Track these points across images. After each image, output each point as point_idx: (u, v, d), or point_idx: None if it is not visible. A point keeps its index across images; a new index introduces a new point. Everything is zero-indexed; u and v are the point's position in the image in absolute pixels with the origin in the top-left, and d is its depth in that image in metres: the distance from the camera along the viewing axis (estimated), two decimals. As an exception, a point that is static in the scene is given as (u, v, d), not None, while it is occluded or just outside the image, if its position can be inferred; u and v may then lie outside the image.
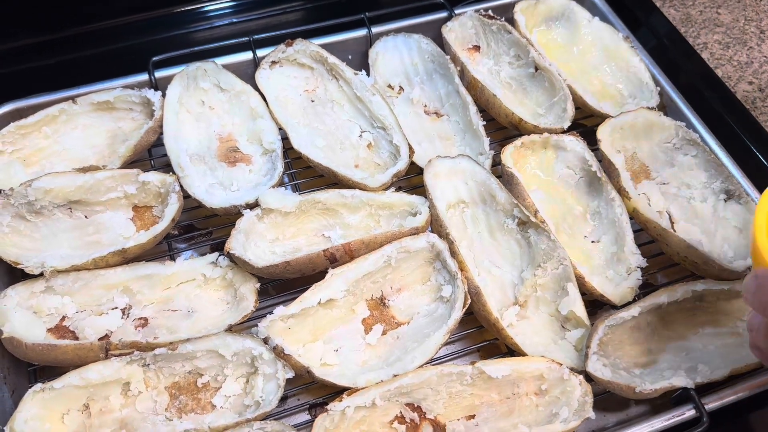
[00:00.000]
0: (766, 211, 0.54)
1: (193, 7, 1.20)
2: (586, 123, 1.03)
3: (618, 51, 1.05)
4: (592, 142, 0.91)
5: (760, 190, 0.90)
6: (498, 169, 0.91)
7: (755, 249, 0.52)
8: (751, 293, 0.50)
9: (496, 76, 1.04)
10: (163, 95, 0.94)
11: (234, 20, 1.20)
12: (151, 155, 0.96)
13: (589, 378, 0.73)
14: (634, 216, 0.87)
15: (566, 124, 0.93)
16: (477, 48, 1.07)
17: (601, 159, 0.91)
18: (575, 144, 0.92)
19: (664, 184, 0.91)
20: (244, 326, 0.81)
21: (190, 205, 0.88)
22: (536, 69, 1.00)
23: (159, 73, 0.97)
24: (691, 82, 1.08)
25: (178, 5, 1.19)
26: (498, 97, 0.94)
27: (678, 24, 1.24)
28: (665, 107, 1.01)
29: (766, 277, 0.48)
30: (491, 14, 1.06)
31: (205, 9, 1.21)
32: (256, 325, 0.75)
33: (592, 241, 0.87)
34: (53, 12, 1.16)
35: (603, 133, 0.91)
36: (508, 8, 1.09)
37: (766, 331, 0.51)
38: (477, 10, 1.07)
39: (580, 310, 0.78)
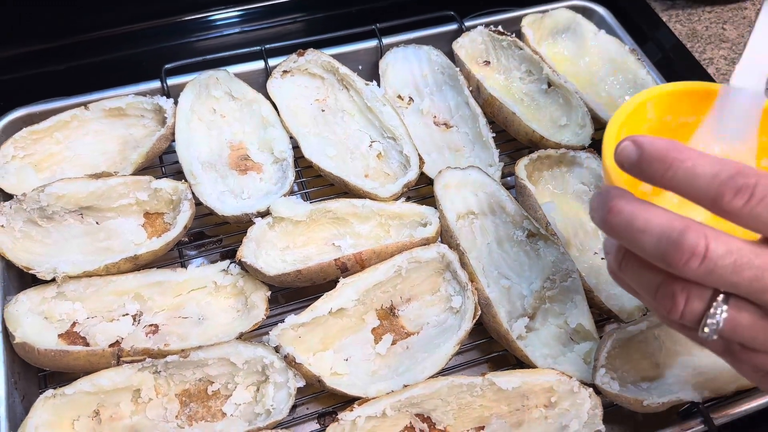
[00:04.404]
0: (615, 129, 0.51)
1: (205, 15, 1.21)
2: (595, 137, 1.04)
3: (625, 63, 1.06)
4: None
5: None
6: (507, 181, 0.92)
7: (604, 167, 0.50)
8: (595, 211, 0.47)
9: (506, 92, 1.05)
10: (175, 103, 0.95)
11: (245, 29, 1.21)
12: (162, 162, 0.96)
13: (597, 391, 0.74)
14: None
15: (587, 142, 0.94)
16: (487, 63, 1.08)
17: None
18: (591, 160, 0.92)
19: None
20: (254, 334, 0.81)
21: (201, 212, 0.88)
22: (549, 85, 1.01)
23: (171, 81, 0.98)
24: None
25: (189, 13, 1.20)
26: (517, 114, 0.95)
27: (684, 39, 1.25)
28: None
29: (609, 194, 0.45)
30: (501, 30, 1.07)
31: (217, 17, 1.22)
32: (267, 333, 0.76)
33: (602, 258, 0.88)
34: (65, 18, 1.17)
35: None
36: (517, 21, 1.10)
37: (617, 254, 0.48)
38: (487, 26, 1.08)
39: (589, 323, 0.79)
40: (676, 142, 0.44)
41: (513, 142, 1.01)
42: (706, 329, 0.44)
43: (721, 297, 0.44)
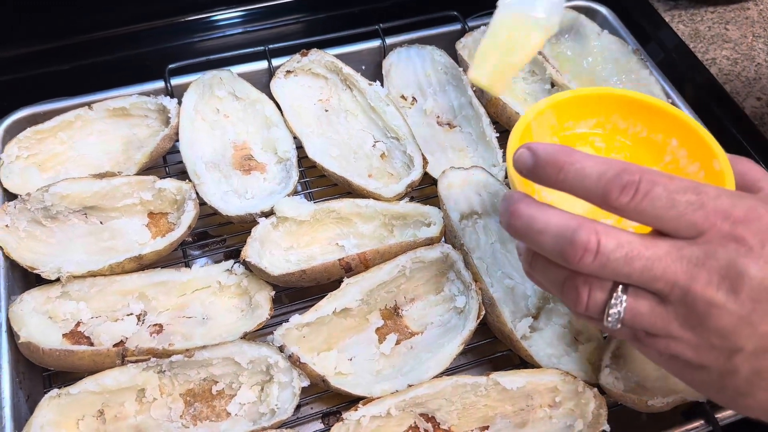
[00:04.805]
0: (516, 138, 0.53)
1: (208, 15, 1.21)
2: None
3: (628, 64, 1.06)
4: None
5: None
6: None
7: (508, 174, 0.53)
8: (501, 215, 0.50)
9: (510, 92, 1.04)
10: (179, 103, 0.95)
11: (248, 29, 1.21)
12: (166, 162, 0.97)
13: (601, 390, 0.74)
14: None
15: None
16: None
17: None
18: (589, 158, 0.92)
19: None
20: (258, 334, 0.82)
21: (205, 212, 0.88)
22: (552, 85, 1.01)
23: (175, 81, 0.98)
24: (700, 96, 1.09)
25: (192, 13, 1.21)
26: (521, 114, 0.95)
27: (687, 39, 1.25)
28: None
29: (511, 199, 0.49)
30: (504, 29, 1.07)
31: (220, 17, 1.22)
32: (271, 333, 0.76)
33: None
34: (68, 18, 1.17)
35: None
36: (520, 21, 1.10)
37: (526, 254, 0.51)
38: (490, 25, 1.08)
39: (593, 323, 0.79)
40: (567, 147, 0.47)
41: (516, 142, 1.01)
42: (610, 318, 0.47)
43: (620, 288, 0.46)
